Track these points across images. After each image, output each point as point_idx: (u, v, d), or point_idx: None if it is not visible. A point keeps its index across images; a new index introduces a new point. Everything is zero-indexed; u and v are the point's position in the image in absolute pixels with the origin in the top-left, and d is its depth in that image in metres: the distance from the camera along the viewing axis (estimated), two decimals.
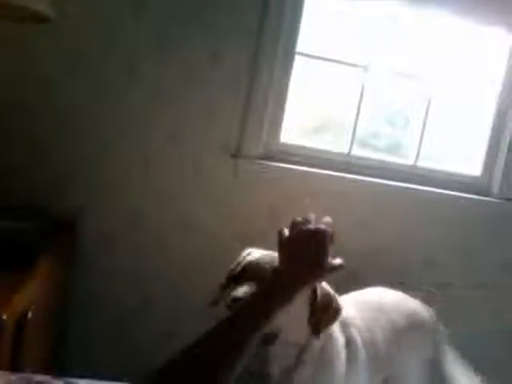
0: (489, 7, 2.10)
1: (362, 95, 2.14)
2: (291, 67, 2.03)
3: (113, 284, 1.99)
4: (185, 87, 1.92)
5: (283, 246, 1.04)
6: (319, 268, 1.00)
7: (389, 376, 1.50)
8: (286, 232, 1.06)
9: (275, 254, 1.10)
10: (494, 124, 2.25)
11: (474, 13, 2.10)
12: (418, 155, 2.23)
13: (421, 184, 2.17)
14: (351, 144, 2.17)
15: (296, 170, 2.03)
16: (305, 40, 2.04)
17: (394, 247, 2.13)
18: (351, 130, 2.16)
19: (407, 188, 2.14)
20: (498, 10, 2.10)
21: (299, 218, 1.06)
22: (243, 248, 1.30)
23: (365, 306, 1.50)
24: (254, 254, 1.25)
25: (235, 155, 1.98)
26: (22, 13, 1.48)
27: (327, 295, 1.20)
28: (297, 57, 2.04)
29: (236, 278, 1.19)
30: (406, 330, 1.53)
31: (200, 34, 1.90)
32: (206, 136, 1.97)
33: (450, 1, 2.09)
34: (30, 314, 1.27)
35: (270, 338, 1.14)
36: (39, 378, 1.06)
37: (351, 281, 1.49)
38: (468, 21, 2.13)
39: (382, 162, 2.20)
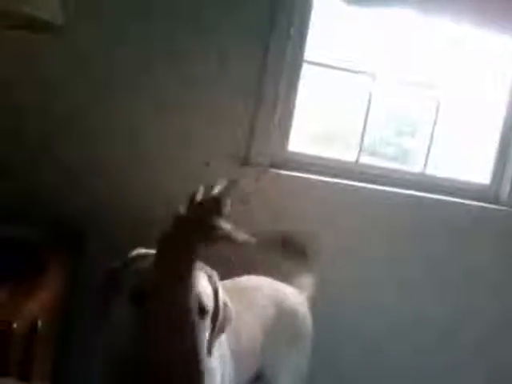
0: (497, 15, 2.09)
1: (369, 103, 2.13)
2: (299, 75, 2.03)
3: None
4: (192, 95, 1.92)
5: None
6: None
7: (261, 367, 1.47)
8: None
9: None
10: (503, 132, 2.24)
11: (482, 20, 2.10)
12: (426, 163, 2.22)
13: (429, 192, 2.16)
14: (359, 152, 2.16)
15: (304, 178, 2.03)
16: (313, 48, 2.04)
17: (396, 253, 2.13)
18: (359, 137, 2.16)
19: (416, 196, 2.13)
20: (507, 17, 2.09)
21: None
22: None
23: (235, 299, 1.35)
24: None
25: (244, 163, 1.98)
26: (31, 23, 1.49)
27: (227, 306, 1.18)
28: (305, 65, 2.04)
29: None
30: (277, 321, 1.50)
31: (208, 41, 1.90)
32: (215, 144, 1.96)
33: (457, 9, 2.09)
34: (39, 323, 1.27)
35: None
36: None
37: None
38: (476, 28, 2.13)
39: (391, 169, 2.20)
